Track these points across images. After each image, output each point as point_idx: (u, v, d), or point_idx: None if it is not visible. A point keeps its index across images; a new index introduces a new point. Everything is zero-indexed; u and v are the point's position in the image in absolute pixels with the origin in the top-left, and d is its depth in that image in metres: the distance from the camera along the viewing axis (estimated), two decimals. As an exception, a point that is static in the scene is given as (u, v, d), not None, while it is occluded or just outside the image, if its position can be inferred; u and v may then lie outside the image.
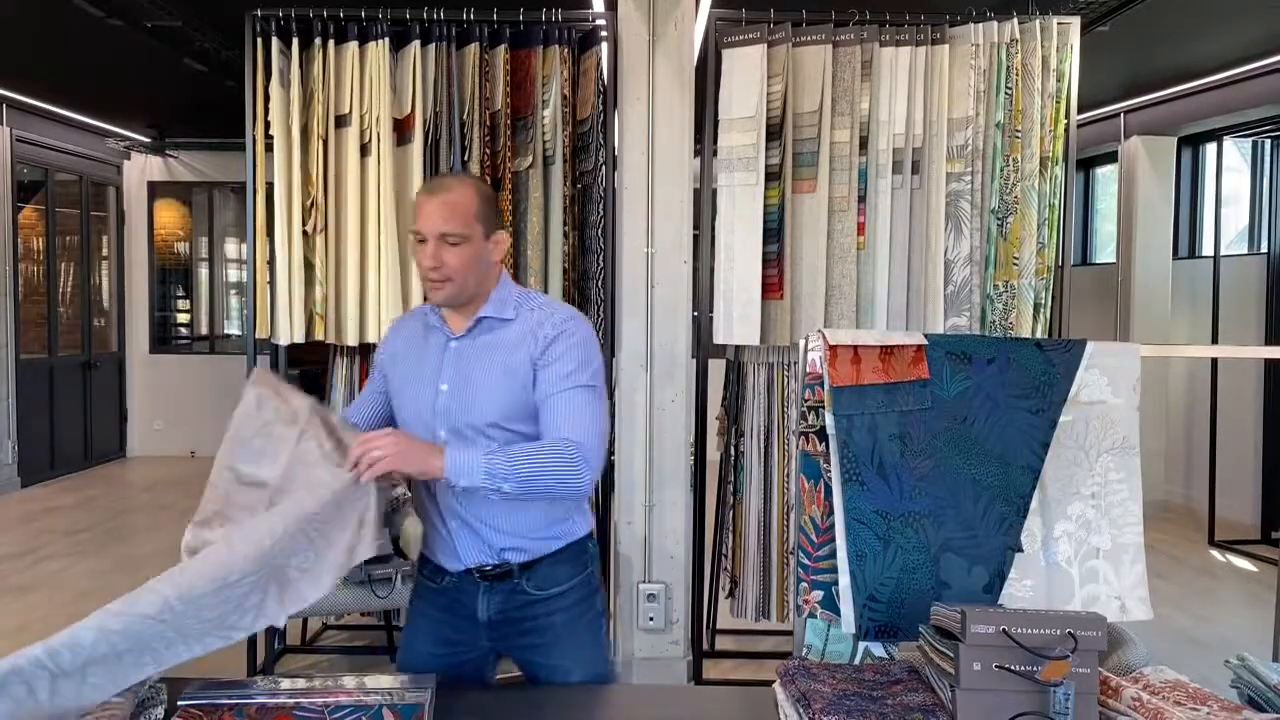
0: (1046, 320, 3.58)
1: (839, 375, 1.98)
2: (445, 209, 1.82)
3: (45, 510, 6.99)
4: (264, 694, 1.64)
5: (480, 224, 1.86)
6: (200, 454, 8.94)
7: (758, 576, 3.71)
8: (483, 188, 1.93)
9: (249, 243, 3.68)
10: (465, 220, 1.83)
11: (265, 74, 3.54)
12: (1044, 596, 1.98)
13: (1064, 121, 3.56)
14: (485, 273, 1.90)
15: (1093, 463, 2.02)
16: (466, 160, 3.56)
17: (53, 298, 8.10)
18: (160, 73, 6.39)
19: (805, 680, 1.64)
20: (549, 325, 1.88)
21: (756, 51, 3.49)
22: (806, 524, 2.03)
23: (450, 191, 1.85)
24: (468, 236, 1.83)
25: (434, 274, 1.84)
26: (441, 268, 1.83)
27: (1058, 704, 1.44)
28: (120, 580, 5.19)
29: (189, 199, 9.44)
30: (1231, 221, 7.03)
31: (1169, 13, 4.94)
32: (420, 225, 1.84)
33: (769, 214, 3.54)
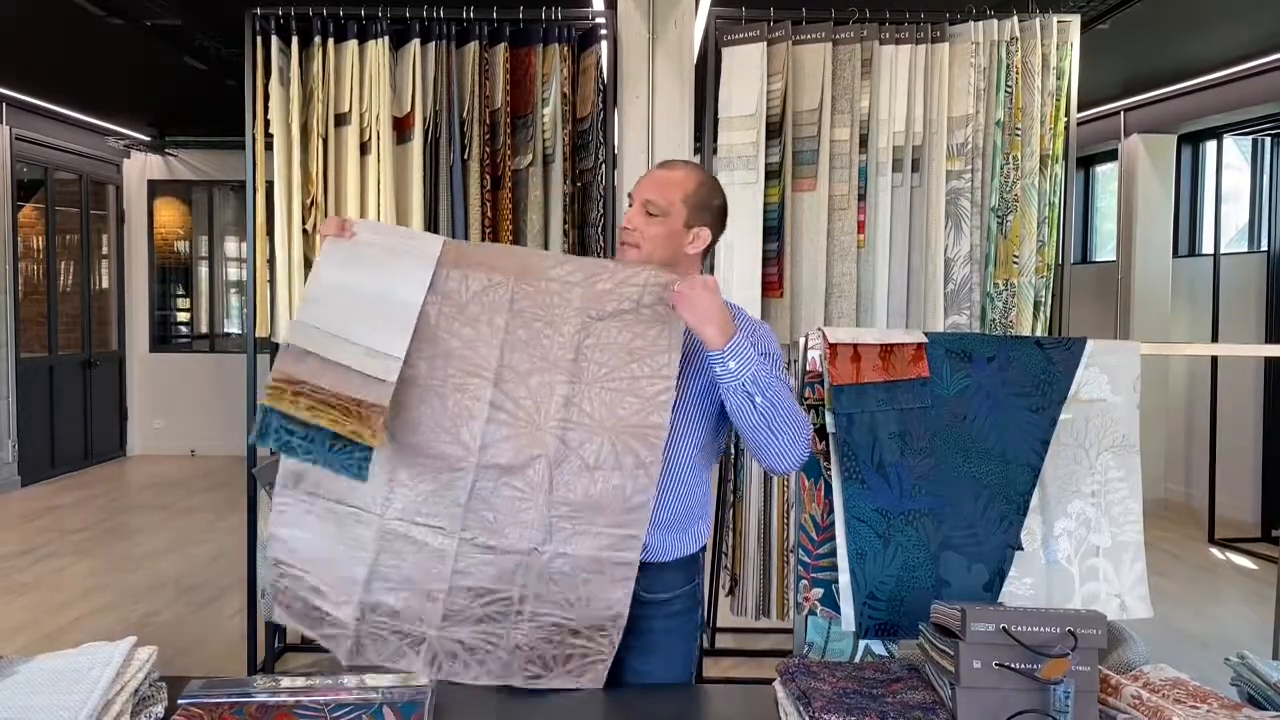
0: (1046, 318, 3.58)
1: (839, 373, 1.98)
2: (658, 180, 1.87)
3: (45, 509, 6.99)
4: (264, 693, 1.64)
5: (685, 207, 1.85)
6: (200, 453, 8.95)
7: (758, 575, 3.71)
8: (708, 181, 1.92)
9: (249, 241, 3.68)
10: (669, 197, 1.84)
11: (265, 72, 3.53)
12: (1044, 594, 1.98)
13: (1064, 119, 3.56)
14: (675, 257, 1.87)
15: (1093, 461, 2.02)
16: (466, 158, 3.56)
17: (53, 296, 8.10)
18: (160, 71, 6.39)
19: (805, 678, 1.64)
20: (758, 330, 1.88)
21: (756, 49, 3.49)
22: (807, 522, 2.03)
23: (673, 170, 1.89)
24: (666, 212, 1.84)
25: (627, 235, 1.86)
26: (634, 231, 1.85)
27: (1058, 702, 1.44)
28: (120, 579, 5.19)
29: (189, 197, 9.44)
30: (1231, 219, 7.02)
31: (1169, 10, 4.94)
32: (634, 190, 1.89)
33: (769, 212, 3.54)
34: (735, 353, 1.69)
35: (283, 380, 1.67)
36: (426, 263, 1.74)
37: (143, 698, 1.60)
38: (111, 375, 8.98)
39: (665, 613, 1.87)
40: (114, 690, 1.53)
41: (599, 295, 1.76)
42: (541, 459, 1.72)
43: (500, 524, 1.71)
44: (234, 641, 4.01)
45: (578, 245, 3.72)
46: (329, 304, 1.71)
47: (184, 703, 1.61)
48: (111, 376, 8.98)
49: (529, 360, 1.74)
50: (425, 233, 1.84)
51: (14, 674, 1.57)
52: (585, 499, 1.72)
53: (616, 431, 1.73)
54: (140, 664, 1.62)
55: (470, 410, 1.72)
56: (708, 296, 1.69)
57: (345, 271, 1.72)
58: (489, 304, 1.74)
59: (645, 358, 1.75)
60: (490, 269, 1.76)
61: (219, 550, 5.68)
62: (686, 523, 1.89)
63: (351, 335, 1.69)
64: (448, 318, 1.73)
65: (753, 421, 1.72)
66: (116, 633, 1.70)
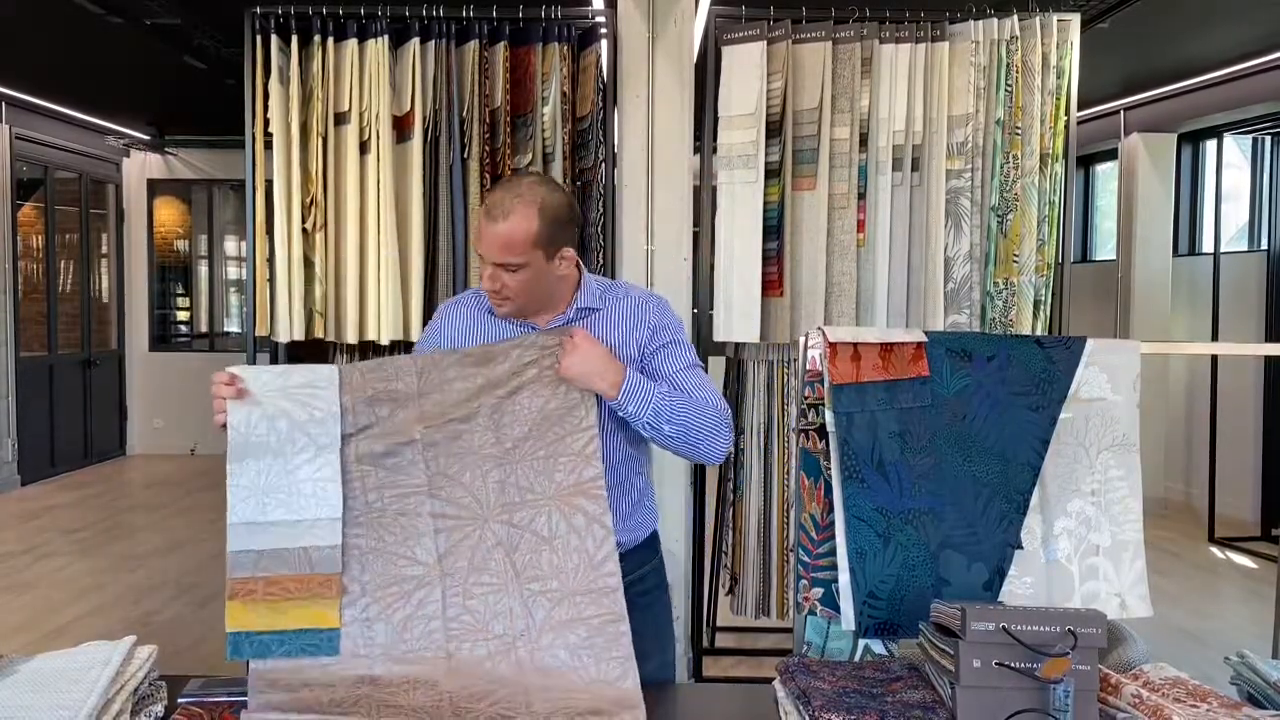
0: (1046, 317, 3.57)
1: (839, 373, 1.98)
2: (501, 240, 1.77)
3: (45, 508, 6.99)
4: (264, 692, 1.64)
5: (539, 248, 1.79)
6: (200, 452, 8.95)
7: (758, 574, 3.71)
8: (549, 205, 1.81)
9: (248, 240, 3.68)
10: (522, 249, 1.78)
11: (264, 71, 3.53)
12: (1044, 594, 1.98)
13: (1064, 118, 3.56)
14: (553, 287, 1.88)
15: (1093, 460, 2.02)
16: (466, 157, 3.56)
17: (52, 295, 8.10)
18: (160, 70, 6.39)
19: (805, 678, 1.64)
20: (651, 310, 1.93)
21: (756, 48, 3.48)
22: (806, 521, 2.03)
23: (508, 220, 1.77)
24: (526, 264, 1.80)
25: (495, 296, 1.84)
26: (502, 289, 1.82)
27: (1058, 701, 1.44)
28: (120, 578, 5.19)
29: (188, 196, 9.44)
30: (1231, 218, 7.02)
31: (1169, 9, 4.94)
32: (478, 247, 1.83)
33: (769, 211, 3.53)
34: (630, 396, 1.74)
35: (236, 590, 1.71)
36: (331, 409, 1.75)
37: (142, 697, 1.60)
38: (111, 374, 8.99)
39: (640, 589, 1.93)
40: (114, 689, 1.53)
41: (501, 376, 1.79)
42: (499, 548, 1.75)
43: (483, 621, 1.73)
44: (234, 640, 4.01)
45: (578, 244, 3.71)
46: (254, 490, 1.73)
47: (184, 702, 1.61)
48: (111, 376, 8.99)
49: (455, 461, 1.77)
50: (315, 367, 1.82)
51: (14, 673, 1.57)
52: (551, 570, 1.75)
53: (559, 497, 1.76)
54: (140, 663, 1.62)
55: (416, 528, 1.75)
56: (581, 358, 1.73)
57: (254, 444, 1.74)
58: (400, 423, 1.76)
59: (563, 416, 1.78)
60: (390, 390, 1.78)
61: (219, 549, 5.61)
62: (637, 511, 1.97)
63: (287, 514, 1.73)
64: (366, 451, 1.76)
65: (669, 445, 1.80)
66: (116, 632, 1.70)
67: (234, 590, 1.71)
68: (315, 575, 1.71)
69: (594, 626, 1.72)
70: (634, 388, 1.75)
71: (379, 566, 1.73)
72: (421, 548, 1.74)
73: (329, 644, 1.69)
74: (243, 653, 1.69)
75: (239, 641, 1.69)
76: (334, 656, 1.68)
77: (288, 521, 1.72)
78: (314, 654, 1.68)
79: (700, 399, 1.83)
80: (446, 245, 3.58)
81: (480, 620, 1.72)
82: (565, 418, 1.78)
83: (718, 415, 1.82)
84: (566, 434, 1.77)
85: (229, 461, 1.74)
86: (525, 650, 1.71)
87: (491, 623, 1.72)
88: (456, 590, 1.73)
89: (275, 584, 1.71)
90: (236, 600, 1.70)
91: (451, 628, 1.72)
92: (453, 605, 1.72)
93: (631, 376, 1.75)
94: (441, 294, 3.59)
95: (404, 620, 1.71)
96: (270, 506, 1.72)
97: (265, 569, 1.71)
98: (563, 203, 1.86)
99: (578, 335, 1.76)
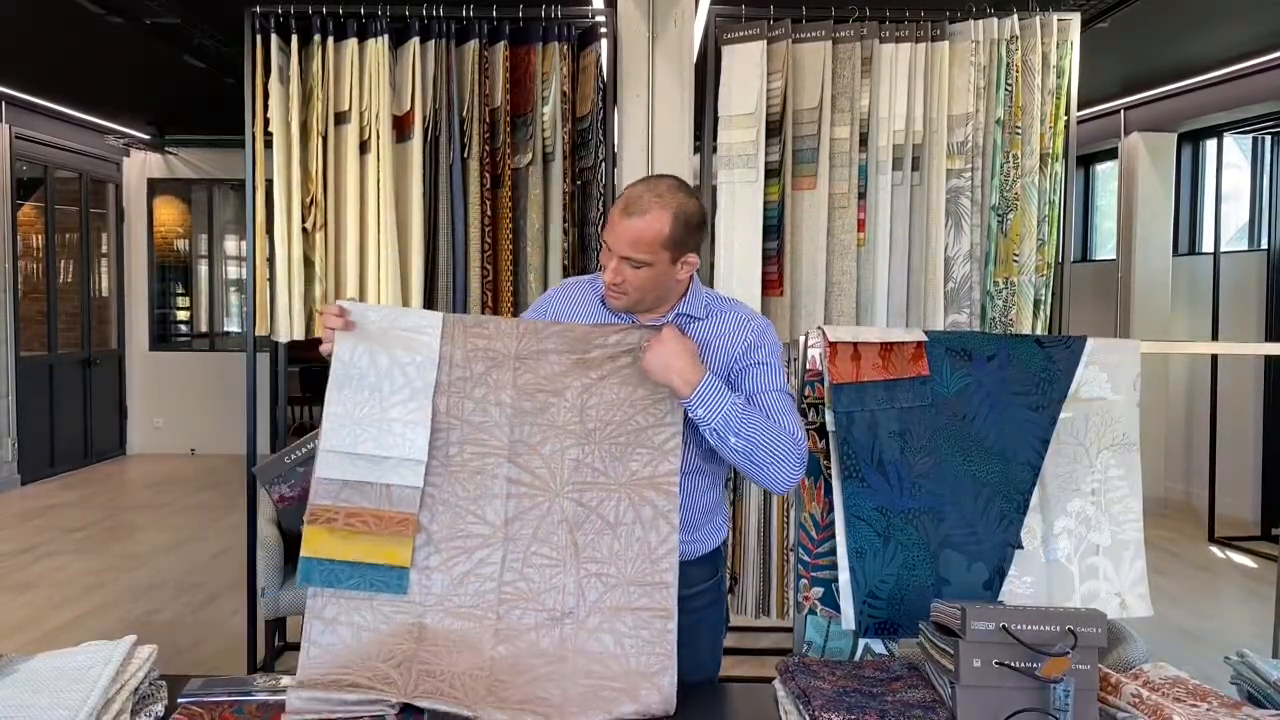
0: (1046, 317, 3.58)
1: (839, 372, 1.98)
2: (633, 235, 1.78)
3: (45, 508, 6.99)
4: (264, 691, 1.64)
5: (668, 250, 1.81)
6: (200, 451, 8.95)
7: (758, 573, 3.71)
8: (683, 210, 1.82)
9: (248, 240, 3.68)
10: (651, 249, 1.79)
11: (264, 71, 3.53)
12: (1044, 593, 1.98)
13: (1064, 118, 3.56)
14: (669, 289, 1.89)
15: (1093, 459, 2.02)
16: (466, 157, 3.56)
17: (52, 295, 8.10)
18: (160, 70, 6.39)
19: (805, 677, 1.64)
20: (752, 330, 1.91)
21: (756, 48, 3.48)
22: (806, 521, 2.03)
23: (644, 217, 1.79)
24: (651, 263, 1.81)
25: (614, 288, 1.85)
26: (622, 284, 1.83)
27: (1058, 700, 1.44)
28: (120, 578, 5.20)
29: (188, 196, 9.44)
30: (1231, 218, 7.02)
31: (1169, 9, 4.94)
32: (608, 238, 1.84)
33: (769, 211, 3.53)
34: (702, 400, 1.73)
35: (318, 512, 1.75)
36: (430, 355, 1.80)
37: (143, 696, 1.60)
38: (111, 374, 8.99)
39: (691, 607, 1.90)
40: (114, 689, 1.53)
41: (595, 359, 1.82)
42: (563, 524, 1.78)
43: (536, 591, 1.76)
44: (234, 640, 4.01)
45: (578, 244, 3.72)
46: (348, 420, 1.77)
47: (184, 701, 1.61)
48: (111, 375, 8.99)
49: (539, 431, 1.80)
50: (422, 311, 1.86)
51: (14, 672, 1.57)
52: (610, 555, 1.77)
53: (630, 485, 1.79)
54: (140, 662, 1.62)
55: (490, 489, 1.78)
56: (665, 353, 1.73)
57: (354, 376, 1.78)
58: (494, 384, 1.81)
59: (648, 407, 1.81)
60: (489, 349, 1.82)
61: (219, 549, 5.69)
62: (704, 521, 1.94)
63: (376, 448, 1.76)
64: (457, 405, 1.80)
65: (734, 459, 1.78)
66: (116, 631, 1.70)
67: (314, 515, 1.75)
68: (394, 513, 1.75)
69: (642, 618, 1.73)
70: (708, 392, 1.73)
71: (448, 518, 1.77)
72: (491, 509, 1.77)
73: (398, 582, 1.73)
74: (312, 579, 1.72)
75: (310, 568, 1.72)
76: (399, 595, 1.72)
77: (375, 456, 1.76)
78: (381, 589, 1.72)
79: (778, 423, 1.78)
80: (446, 245, 3.58)
81: (534, 589, 1.75)
82: (650, 409, 1.80)
83: (791, 442, 1.77)
84: (649, 426, 1.80)
85: (329, 390, 1.78)
86: (571, 628, 1.73)
87: (544, 595, 1.75)
88: (517, 556, 1.76)
89: (355, 515, 1.74)
90: (316, 525, 1.74)
91: (505, 592, 1.75)
92: (510, 570, 1.76)
93: (709, 380, 1.74)
94: (441, 293, 3.59)
95: (462, 575, 1.75)
96: (361, 439, 1.76)
97: (347, 499, 1.75)
98: (695, 209, 1.87)
99: (666, 331, 1.77)
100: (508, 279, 3.61)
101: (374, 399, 1.77)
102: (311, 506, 1.76)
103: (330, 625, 1.70)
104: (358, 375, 1.78)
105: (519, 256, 3.61)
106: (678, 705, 1.66)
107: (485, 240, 3.56)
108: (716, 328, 1.91)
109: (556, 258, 3.61)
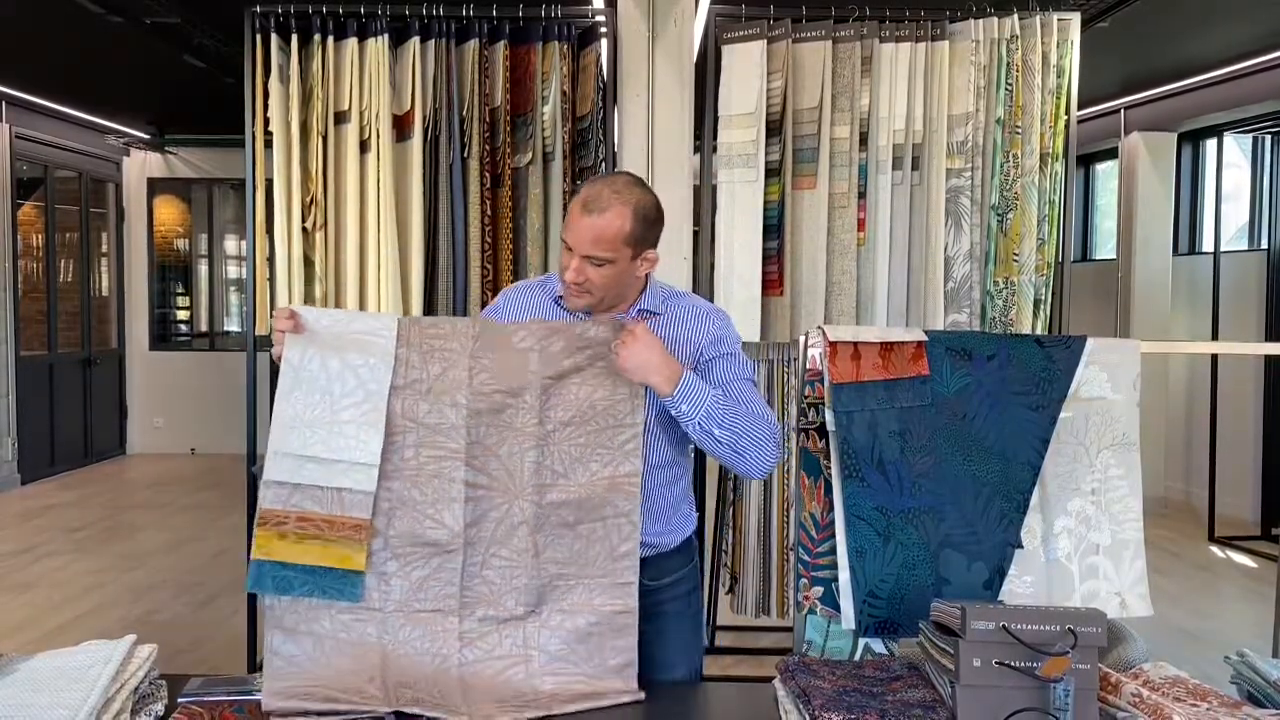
0: (1047, 316, 3.57)
1: (839, 372, 1.98)
2: (594, 233, 1.79)
3: (45, 507, 6.99)
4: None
5: (629, 246, 1.82)
6: (200, 451, 8.95)
7: (758, 573, 3.71)
8: (642, 206, 1.84)
9: (248, 239, 3.67)
10: (612, 246, 1.80)
11: (264, 70, 3.53)
12: (1044, 593, 1.98)
13: (1064, 117, 3.56)
14: (629, 285, 1.90)
15: (1093, 459, 2.02)
16: (466, 157, 3.55)
17: (52, 294, 8.10)
18: (160, 69, 6.39)
19: (805, 677, 1.64)
20: (714, 321, 1.93)
21: (756, 47, 3.48)
22: (806, 520, 2.03)
23: (604, 215, 1.79)
24: (613, 260, 1.82)
25: (576, 287, 1.85)
26: (584, 283, 1.83)
27: (1058, 700, 1.44)
28: (121, 578, 5.19)
29: (188, 195, 9.44)
30: (1232, 217, 7.02)
31: (1169, 8, 4.93)
32: (568, 237, 1.83)
33: (769, 210, 3.53)
34: (685, 396, 1.74)
35: (267, 517, 1.72)
36: (385, 358, 1.77)
37: (143, 696, 1.60)
38: (111, 373, 8.99)
39: (673, 595, 1.95)
40: (114, 688, 1.53)
41: (554, 356, 1.79)
42: (523, 525, 1.76)
43: (496, 594, 1.75)
44: (234, 639, 4.01)
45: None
46: (297, 422, 1.74)
47: (184, 701, 1.61)
48: (111, 374, 8.98)
49: (496, 433, 1.77)
50: (376, 314, 1.85)
51: (14, 672, 1.57)
52: (571, 555, 1.77)
53: (591, 487, 1.78)
54: (140, 662, 1.62)
55: (448, 493, 1.75)
56: (641, 349, 1.73)
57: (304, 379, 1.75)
58: (450, 384, 1.77)
59: (608, 409, 1.79)
60: (445, 350, 1.79)
61: (219, 548, 5.68)
62: (674, 512, 1.98)
63: (326, 452, 1.73)
64: (412, 407, 1.77)
65: (715, 450, 1.79)
66: (116, 631, 1.70)
67: (264, 518, 1.72)
68: (346, 518, 1.72)
69: (603, 615, 1.74)
70: (689, 387, 1.75)
71: (405, 523, 1.75)
72: (450, 513, 1.75)
73: (352, 588, 1.70)
74: (264, 585, 1.69)
75: (262, 573, 1.69)
76: (353, 602, 1.70)
77: (326, 459, 1.72)
78: (335, 597, 1.70)
79: (753, 410, 1.81)
80: (446, 244, 3.58)
81: (495, 591, 1.74)
82: (610, 411, 1.79)
83: (769, 429, 1.80)
84: (609, 427, 1.79)
85: (278, 394, 1.75)
86: (533, 627, 1.73)
87: (505, 596, 1.74)
88: (476, 560, 1.75)
89: (306, 519, 1.72)
90: (266, 527, 1.71)
91: (466, 595, 1.74)
92: (470, 574, 1.75)
93: (688, 375, 1.75)
94: (441, 293, 3.59)
95: (421, 580, 1.74)
96: (311, 442, 1.73)
97: (297, 504, 1.72)
98: (653, 204, 1.88)
99: (638, 329, 1.76)
100: (508, 278, 3.60)
101: (324, 401, 1.74)
102: (260, 511, 1.72)
103: (290, 635, 1.68)
104: (308, 378, 1.75)
105: (519, 256, 3.61)
106: (676, 705, 1.66)
107: (485, 240, 3.56)
108: (677, 321, 1.93)
109: (556, 257, 3.61)
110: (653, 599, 1.89)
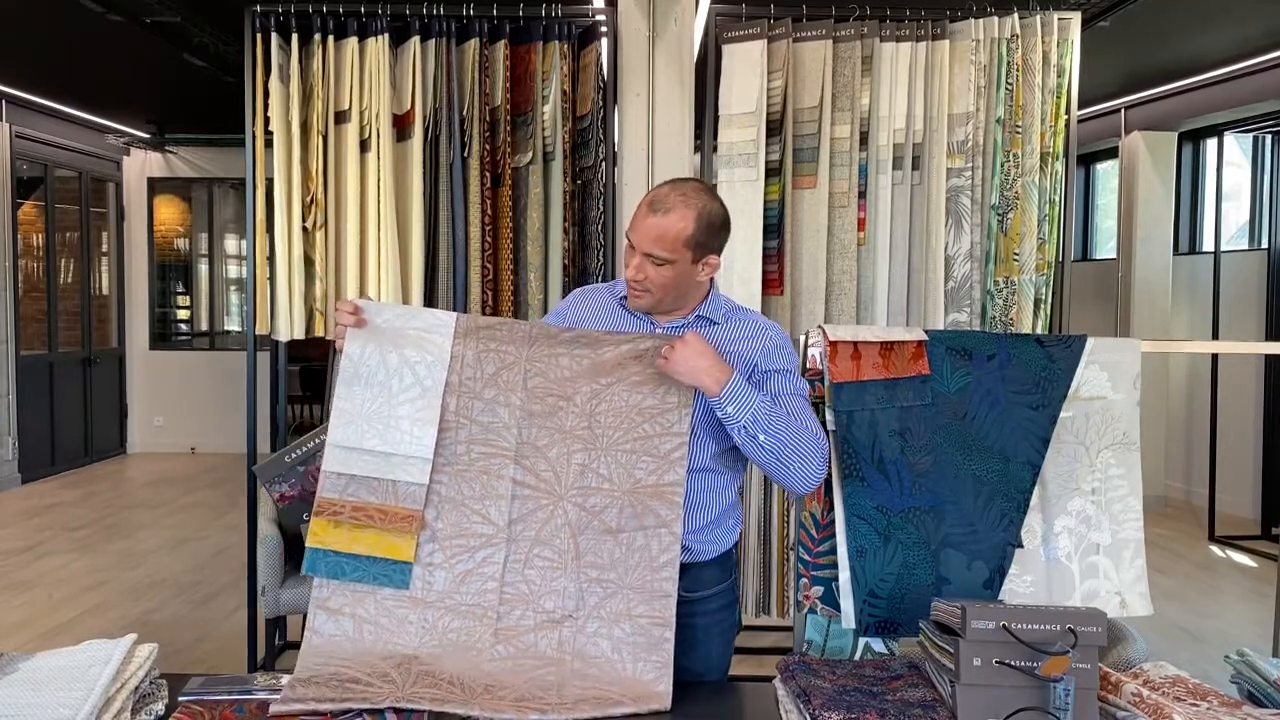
0: (1047, 316, 3.57)
1: (839, 371, 1.98)
2: (657, 232, 1.81)
3: (45, 506, 6.99)
4: (265, 690, 1.64)
5: (690, 250, 1.82)
6: (201, 450, 8.95)
7: (758, 572, 3.71)
8: (707, 211, 1.84)
9: (249, 239, 3.67)
10: (674, 247, 1.81)
11: (265, 69, 3.53)
12: (1044, 592, 1.98)
13: (1064, 117, 3.56)
14: (689, 290, 1.90)
15: (1093, 458, 2.02)
16: (466, 156, 3.55)
17: (52, 294, 8.10)
18: (160, 68, 6.39)
19: (805, 676, 1.64)
20: (770, 336, 1.92)
21: (757, 47, 3.48)
22: (807, 520, 2.03)
23: (669, 215, 1.81)
24: (672, 260, 1.82)
25: (635, 285, 1.86)
26: (644, 280, 1.85)
27: (1058, 699, 1.44)
28: (121, 576, 5.20)
29: (189, 195, 9.44)
30: (1232, 217, 7.02)
31: (1169, 8, 4.93)
32: (632, 234, 1.85)
33: (769, 209, 3.53)
34: (731, 398, 1.74)
35: (324, 505, 1.78)
36: (441, 355, 1.83)
37: (143, 695, 1.60)
38: (111, 372, 8.98)
39: (704, 609, 1.91)
40: (114, 688, 1.53)
41: (605, 362, 1.83)
42: (566, 528, 1.79)
43: (535, 594, 1.77)
44: (234, 638, 4.01)
45: (578, 242, 3.72)
46: (356, 416, 1.80)
47: (184, 700, 1.61)
48: (111, 374, 8.98)
49: (546, 434, 1.82)
50: (435, 311, 1.88)
51: (14, 671, 1.57)
52: (611, 561, 1.78)
53: (634, 493, 1.80)
54: (140, 661, 1.62)
55: (495, 489, 1.80)
56: (692, 354, 1.74)
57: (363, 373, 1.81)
58: (504, 385, 1.83)
59: (656, 416, 1.82)
60: (501, 350, 1.84)
61: (219, 547, 5.69)
62: (717, 522, 1.93)
63: (382, 445, 1.80)
64: (467, 405, 1.82)
65: (759, 456, 1.78)
66: (117, 630, 1.70)
67: (320, 507, 1.78)
68: (399, 508, 1.78)
69: (640, 626, 1.75)
70: (737, 390, 1.74)
71: (453, 516, 1.79)
72: (496, 509, 1.79)
73: (400, 577, 1.76)
74: (317, 569, 1.76)
75: (316, 558, 1.76)
76: (401, 590, 1.75)
77: (381, 452, 1.79)
78: (385, 584, 1.75)
79: (802, 424, 1.80)
80: (446, 243, 3.58)
81: (535, 591, 1.77)
82: (658, 418, 1.81)
83: (816, 442, 1.79)
84: (655, 435, 1.81)
85: (338, 385, 1.81)
86: (570, 631, 1.74)
87: (544, 597, 1.76)
88: (519, 558, 1.78)
89: (360, 509, 1.78)
90: (321, 517, 1.77)
91: (506, 592, 1.76)
92: (512, 571, 1.77)
93: (737, 379, 1.75)
94: (442, 291, 3.59)
95: (464, 573, 1.77)
96: (368, 435, 1.79)
97: (353, 494, 1.78)
98: (719, 212, 1.88)
99: (689, 335, 1.78)
100: (508, 278, 3.61)
101: (382, 396, 1.80)
102: (318, 499, 1.78)
103: (334, 616, 1.73)
104: (367, 372, 1.81)
105: (519, 255, 3.61)
106: (680, 704, 1.66)
107: (485, 239, 3.57)
108: (734, 334, 1.92)
109: (557, 256, 3.61)
110: (683, 610, 1.85)
